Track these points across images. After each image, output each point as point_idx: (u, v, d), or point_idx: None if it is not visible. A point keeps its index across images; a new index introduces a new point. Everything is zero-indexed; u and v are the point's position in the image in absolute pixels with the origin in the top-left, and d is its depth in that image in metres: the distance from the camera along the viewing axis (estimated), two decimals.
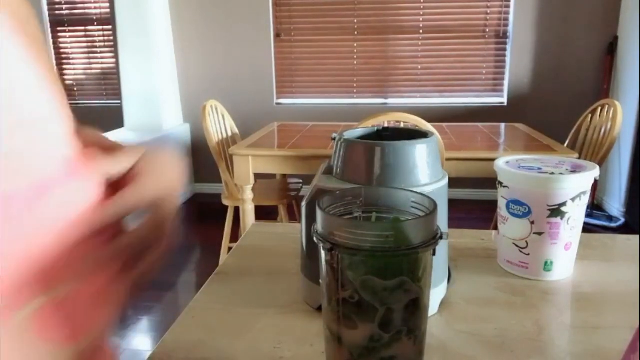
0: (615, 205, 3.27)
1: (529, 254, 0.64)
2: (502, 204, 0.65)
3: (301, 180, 2.83)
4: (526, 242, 0.63)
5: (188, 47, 3.78)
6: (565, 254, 0.63)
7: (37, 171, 0.32)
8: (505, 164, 0.65)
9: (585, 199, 0.62)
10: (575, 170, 0.62)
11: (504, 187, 0.64)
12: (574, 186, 0.60)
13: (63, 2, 3.89)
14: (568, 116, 3.37)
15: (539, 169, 0.63)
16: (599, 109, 2.40)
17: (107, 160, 0.39)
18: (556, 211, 0.61)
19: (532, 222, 0.62)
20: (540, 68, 3.55)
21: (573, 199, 0.60)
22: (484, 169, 2.07)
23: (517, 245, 0.64)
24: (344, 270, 0.37)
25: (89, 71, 4.04)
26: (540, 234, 0.62)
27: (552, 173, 0.61)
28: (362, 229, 0.36)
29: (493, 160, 2.10)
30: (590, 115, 2.48)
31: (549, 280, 0.64)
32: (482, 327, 0.54)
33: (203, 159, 3.85)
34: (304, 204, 0.56)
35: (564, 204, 0.60)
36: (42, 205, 0.32)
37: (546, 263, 0.63)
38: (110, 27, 3.78)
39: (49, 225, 0.33)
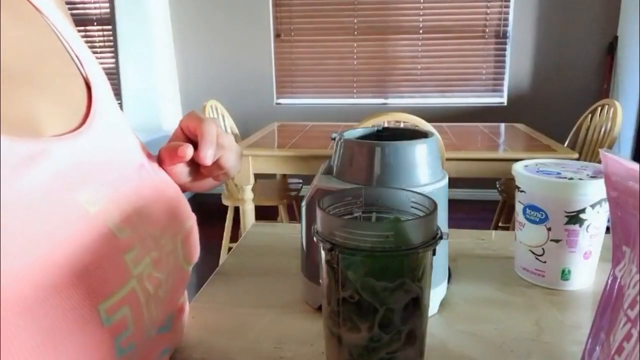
0: None
1: (545, 262, 0.62)
2: (519, 209, 0.63)
3: (301, 180, 2.83)
4: (542, 249, 0.61)
5: (188, 47, 3.78)
6: (584, 263, 0.61)
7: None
8: (523, 168, 0.63)
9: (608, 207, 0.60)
10: (596, 175, 0.59)
11: (521, 191, 0.62)
12: (594, 192, 0.57)
13: None
14: (568, 116, 3.37)
15: (558, 173, 0.60)
16: (599, 109, 2.40)
17: None
18: (574, 218, 0.58)
19: (549, 229, 0.60)
20: (540, 68, 3.55)
21: (593, 206, 0.58)
22: (484, 169, 2.07)
23: (533, 252, 0.62)
24: (343, 270, 0.37)
25: None
26: (557, 241, 0.60)
27: (571, 178, 0.58)
28: (362, 229, 0.36)
29: (493, 160, 2.12)
30: (590, 115, 2.48)
31: (567, 290, 0.61)
32: (482, 327, 0.54)
33: None
34: (304, 204, 0.56)
35: (582, 210, 0.58)
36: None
37: (563, 272, 0.61)
38: (110, 27, 3.78)
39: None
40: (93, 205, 0.34)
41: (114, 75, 3.91)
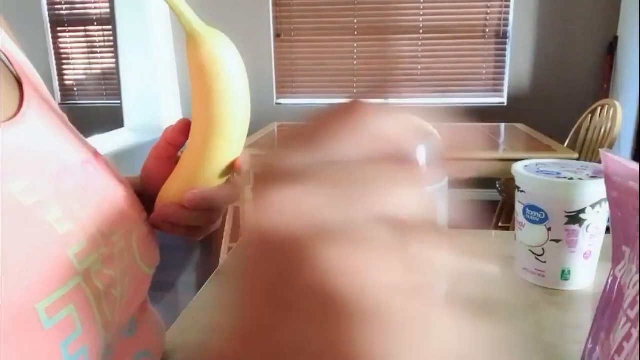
0: None
1: (545, 262, 0.62)
2: (519, 209, 0.63)
3: None
4: (542, 249, 0.61)
5: None
6: (584, 263, 0.61)
7: None
8: (523, 168, 0.63)
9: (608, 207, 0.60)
10: (596, 175, 0.59)
11: (521, 191, 0.62)
12: (594, 192, 0.57)
13: (63, 2, 3.89)
14: (568, 116, 3.36)
15: (558, 173, 0.60)
16: (599, 109, 2.40)
17: None
18: (574, 218, 0.58)
19: (549, 229, 0.60)
20: (540, 68, 3.55)
21: (593, 206, 0.58)
22: (484, 169, 2.07)
23: (533, 252, 0.62)
24: None
25: (89, 71, 4.04)
26: (557, 241, 0.60)
27: (571, 178, 0.58)
28: None
29: (493, 160, 2.11)
30: (590, 115, 2.48)
31: (567, 290, 0.61)
32: (482, 327, 0.54)
33: None
34: None
35: (582, 210, 0.58)
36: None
37: (563, 272, 0.61)
38: (110, 27, 3.78)
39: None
40: (29, 197, 0.32)
41: (113, 75, 3.91)
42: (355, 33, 3.68)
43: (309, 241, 0.17)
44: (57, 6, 3.91)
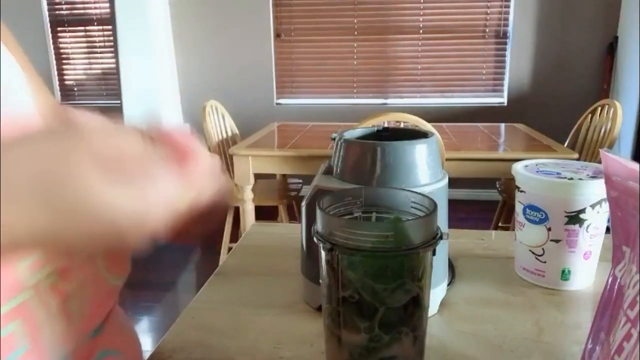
0: None
1: (545, 262, 0.62)
2: (519, 209, 0.63)
3: (301, 180, 2.83)
4: (542, 249, 0.61)
5: (188, 47, 3.78)
6: (584, 263, 0.61)
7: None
8: (523, 168, 0.63)
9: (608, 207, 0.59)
10: (596, 175, 0.59)
11: (521, 191, 0.62)
12: (594, 192, 0.57)
13: (63, 2, 3.89)
14: (568, 116, 3.37)
15: (558, 173, 0.60)
16: (599, 109, 2.40)
17: None
18: (574, 218, 0.58)
19: (549, 229, 0.60)
20: (540, 68, 3.55)
21: (593, 206, 0.58)
22: (484, 169, 2.07)
23: (533, 252, 0.62)
24: (343, 270, 0.37)
25: (89, 71, 4.04)
26: (557, 241, 0.60)
27: (571, 178, 0.58)
28: (362, 229, 0.36)
29: (493, 160, 2.11)
30: (590, 115, 2.48)
31: (567, 290, 0.61)
32: (482, 327, 0.54)
33: None
34: (304, 204, 0.56)
35: (582, 210, 0.58)
36: None
37: (563, 272, 0.61)
38: (110, 27, 3.78)
39: None
40: None
41: (114, 75, 3.91)
42: (355, 33, 3.68)
43: None
44: (57, 6, 3.91)
